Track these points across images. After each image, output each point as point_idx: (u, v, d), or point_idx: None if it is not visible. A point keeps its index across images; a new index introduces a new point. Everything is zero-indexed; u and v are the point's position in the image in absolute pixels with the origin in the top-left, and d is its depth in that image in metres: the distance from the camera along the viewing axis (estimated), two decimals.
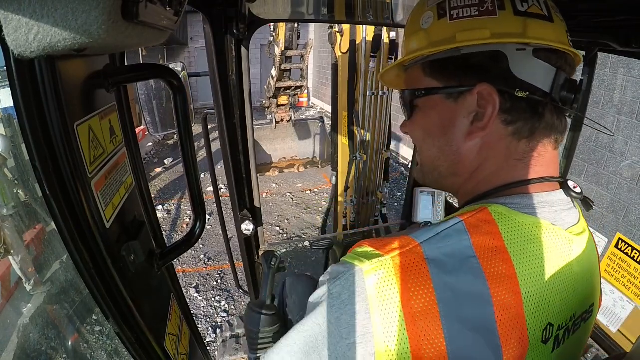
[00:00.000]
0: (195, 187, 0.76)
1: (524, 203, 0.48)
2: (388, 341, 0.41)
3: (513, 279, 0.43)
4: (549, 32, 0.48)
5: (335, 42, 2.52)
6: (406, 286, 0.41)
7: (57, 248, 4.05)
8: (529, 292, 0.43)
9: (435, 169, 0.58)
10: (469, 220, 0.45)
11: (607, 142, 3.41)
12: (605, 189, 3.43)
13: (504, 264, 0.43)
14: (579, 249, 0.50)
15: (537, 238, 0.46)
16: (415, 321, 0.41)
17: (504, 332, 0.41)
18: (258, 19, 1.16)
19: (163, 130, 1.51)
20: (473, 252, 0.43)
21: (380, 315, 0.41)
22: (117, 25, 0.38)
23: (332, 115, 2.79)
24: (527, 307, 0.43)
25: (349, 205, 2.83)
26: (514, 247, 0.44)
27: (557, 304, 0.47)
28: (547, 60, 0.49)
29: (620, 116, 3.28)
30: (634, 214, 3.17)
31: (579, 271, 0.50)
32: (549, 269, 0.46)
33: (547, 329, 0.45)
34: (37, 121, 0.43)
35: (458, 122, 0.52)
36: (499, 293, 0.42)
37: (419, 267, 0.42)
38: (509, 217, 0.46)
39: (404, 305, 0.41)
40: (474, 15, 0.48)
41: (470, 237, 0.44)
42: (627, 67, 3.17)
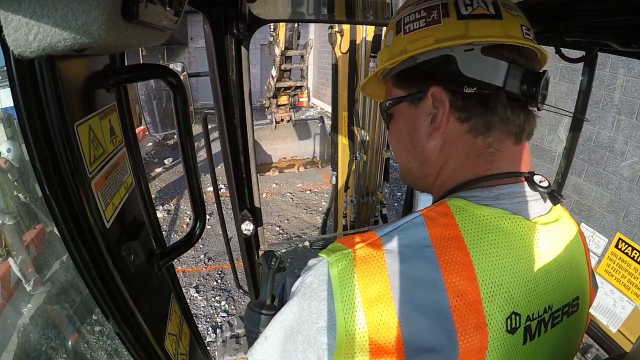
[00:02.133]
0: (195, 187, 0.76)
1: (484, 195, 0.50)
2: (348, 325, 0.44)
3: (468, 266, 0.44)
4: (494, 29, 0.51)
5: (335, 42, 2.52)
6: (364, 275, 0.45)
7: (57, 248, 4.05)
8: (486, 278, 0.45)
9: (408, 171, 0.62)
10: (428, 214, 0.48)
11: (607, 142, 3.41)
12: (605, 189, 3.43)
13: (459, 252, 0.45)
14: (548, 238, 0.50)
15: (495, 227, 0.47)
16: (371, 307, 0.44)
17: (459, 317, 0.43)
18: (258, 19, 1.16)
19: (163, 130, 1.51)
20: (429, 242, 0.46)
21: (342, 302, 0.45)
22: (117, 25, 0.38)
23: (332, 115, 2.79)
24: (484, 293, 0.44)
25: (349, 205, 2.84)
26: (470, 236, 0.46)
27: (522, 293, 0.46)
28: (498, 56, 0.51)
29: (620, 116, 3.28)
30: (634, 214, 3.17)
31: (551, 261, 0.50)
32: (508, 257, 0.46)
33: (511, 318, 0.45)
34: (37, 121, 0.43)
35: (420, 125, 0.56)
36: (453, 279, 0.44)
37: (376, 258, 0.46)
38: (465, 209, 0.48)
39: (362, 292, 0.44)
40: (422, 27, 0.54)
41: (426, 229, 0.47)
42: (627, 67, 3.17)
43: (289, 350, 0.50)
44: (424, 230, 0.47)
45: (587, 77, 1.14)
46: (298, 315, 0.49)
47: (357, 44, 2.45)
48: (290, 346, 0.50)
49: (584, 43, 1.00)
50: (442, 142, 0.54)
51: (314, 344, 0.47)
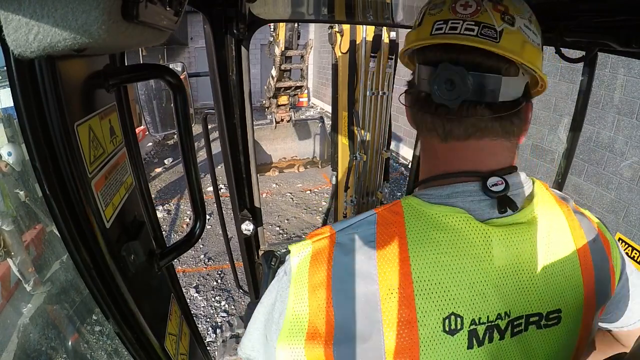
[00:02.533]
0: (195, 187, 0.76)
1: (437, 194, 0.50)
2: (295, 307, 0.49)
3: (405, 262, 0.46)
4: (410, 37, 0.55)
5: (335, 42, 2.52)
6: (314, 264, 0.50)
7: (57, 248, 4.05)
8: (423, 275, 0.45)
9: None
10: (382, 213, 0.51)
11: (607, 142, 3.41)
12: (605, 189, 3.43)
13: (399, 248, 0.47)
14: (506, 240, 0.47)
15: (442, 225, 0.47)
16: (314, 291, 0.48)
17: (388, 310, 0.45)
18: (258, 19, 1.16)
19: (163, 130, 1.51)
20: (374, 238, 0.49)
21: (294, 286, 0.50)
22: (117, 25, 0.38)
23: (332, 115, 2.79)
24: (418, 289, 0.45)
25: (349, 205, 2.83)
26: (413, 234, 0.47)
27: (465, 295, 0.45)
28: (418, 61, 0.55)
29: (620, 116, 3.28)
30: (634, 214, 3.17)
31: (507, 265, 0.47)
32: (452, 256, 0.46)
33: (450, 319, 0.45)
34: (37, 121, 0.43)
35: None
36: (387, 273, 0.46)
37: (328, 249, 0.50)
38: (416, 208, 0.50)
39: (310, 279, 0.49)
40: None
41: (376, 226, 0.50)
42: (627, 67, 3.17)
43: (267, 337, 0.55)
44: (373, 227, 0.50)
45: (587, 77, 1.14)
46: (272, 300, 0.55)
47: (357, 44, 2.45)
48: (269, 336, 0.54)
49: (584, 43, 1.00)
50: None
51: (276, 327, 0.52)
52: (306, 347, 0.47)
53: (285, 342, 0.49)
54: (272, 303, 0.55)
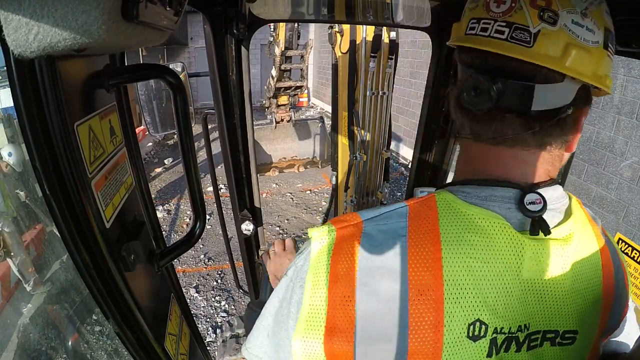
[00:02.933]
0: (195, 187, 0.76)
1: (475, 194, 0.48)
2: (313, 298, 0.46)
3: (437, 263, 0.43)
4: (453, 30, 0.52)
5: (335, 42, 2.52)
6: (338, 253, 0.46)
7: (57, 248, 4.05)
8: (454, 278, 0.43)
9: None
10: (414, 206, 0.48)
11: (607, 142, 3.41)
12: (605, 189, 3.43)
13: (431, 246, 0.44)
14: (538, 255, 0.45)
15: (479, 229, 0.44)
16: (335, 283, 0.45)
17: (415, 312, 0.42)
18: (258, 19, 1.16)
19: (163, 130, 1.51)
20: (405, 232, 0.45)
21: (313, 274, 0.46)
22: (117, 25, 0.38)
23: (332, 115, 2.79)
24: (448, 292, 0.43)
25: (349, 205, 2.83)
26: (447, 232, 0.45)
27: (491, 302, 0.44)
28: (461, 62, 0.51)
29: (620, 116, 3.28)
30: (634, 214, 3.17)
31: (534, 279, 0.46)
32: (484, 261, 0.44)
33: (475, 325, 0.43)
34: (37, 121, 0.43)
35: None
36: (418, 273, 0.43)
37: (353, 239, 0.46)
38: (451, 205, 0.47)
39: (331, 268, 0.46)
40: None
41: (407, 220, 0.47)
42: (627, 67, 3.17)
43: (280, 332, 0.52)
44: (404, 220, 0.47)
45: None
46: (284, 293, 0.51)
47: (357, 44, 2.45)
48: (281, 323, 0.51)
49: None
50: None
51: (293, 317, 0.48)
52: (325, 342, 0.44)
53: (302, 335, 0.46)
54: (284, 294, 0.51)
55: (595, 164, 3.51)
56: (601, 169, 3.46)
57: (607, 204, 3.40)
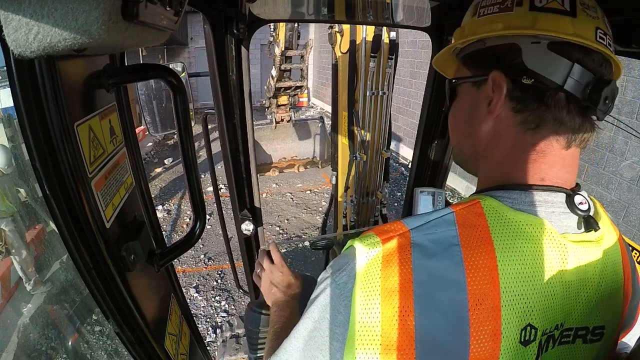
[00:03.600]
0: (195, 187, 0.76)
1: (520, 199, 0.48)
2: (363, 315, 0.44)
3: (493, 271, 0.43)
4: (564, 25, 0.49)
5: (335, 42, 2.52)
6: (388, 266, 0.45)
7: (57, 248, 4.05)
8: (509, 286, 0.44)
9: (461, 151, 0.62)
10: (460, 212, 0.47)
11: (607, 142, 3.41)
12: (605, 189, 3.44)
13: (486, 255, 0.44)
14: (577, 256, 0.48)
15: (527, 235, 0.46)
16: (389, 297, 0.43)
17: (476, 322, 0.42)
18: (258, 19, 1.16)
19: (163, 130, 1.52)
20: (457, 241, 0.45)
21: (362, 289, 0.44)
22: (117, 25, 0.38)
23: (332, 115, 2.79)
24: (504, 300, 0.43)
25: (349, 205, 2.83)
26: (500, 240, 0.45)
27: (540, 306, 0.45)
28: (564, 54, 0.49)
29: (620, 116, 3.28)
30: (634, 214, 3.17)
31: (574, 280, 0.48)
32: (534, 267, 0.45)
33: (526, 330, 0.44)
34: (37, 121, 0.43)
35: (478, 107, 0.55)
36: (476, 282, 0.43)
37: (404, 250, 0.45)
38: (499, 212, 0.47)
39: (383, 282, 0.44)
40: (495, 12, 0.53)
41: (457, 227, 0.46)
42: (627, 67, 3.17)
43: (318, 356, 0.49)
44: (454, 228, 0.46)
45: None
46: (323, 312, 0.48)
47: (357, 44, 2.45)
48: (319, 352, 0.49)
49: None
50: (494, 130, 0.53)
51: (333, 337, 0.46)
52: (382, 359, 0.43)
53: (355, 355, 0.44)
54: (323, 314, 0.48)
55: (595, 164, 3.51)
56: (601, 169, 3.46)
57: (607, 204, 3.40)
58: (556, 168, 0.51)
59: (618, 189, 3.31)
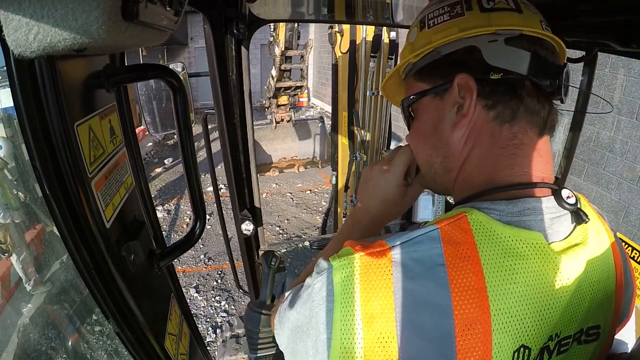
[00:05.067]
0: (195, 187, 0.76)
1: (508, 210, 0.46)
2: (344, 339, 0.42)
3: (482, 293, 0.41)
4: (515, 19, 0.51)
5: (335, 42, 2.52)
6: (367, 286, 0.42)
7: (57, 248, 4.05)
8: (500, 308, 0.41)
9: (430, 167, 0.59)
10: (445, 228, 0.45)
11: (607, 142, 3.41)
12: (605, 189, 3.44)
13: (474, 275, 0.41)
14: (568, 265, 0.46)
15: (517, 252, 0.43)
16: (371, 322, 0.41)
17: (463, 347, 0.40)
18: (258, 19, 1.16)
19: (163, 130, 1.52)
20: (442, 261, 0.42)
21: (341, 312, 0.42)
22: (117, 25, 0.38)
23: (332, 115, 2.79)
24: (495, 324, 0.41)
25: (349, 205, 2.83)
26: (488, 259, 0.42)
27: (534, 325, 0.43)
28: (520, 46, 0.51)
29: (620, 116, 3.28)
30: (634, 214, 3.17)
31: (567, 289, 0.46)
32: (525, 285, 0.43)
33: (520, 351, 0.42)
34: (37, 121, 0.43)
35: (445, 116, 0.54)
36: (464, 306, 0.41)
37: (383, 270, 0.43)
38: (487, 227, 0.44)
39: (363, 306, 0.42)
40: (446, 20, 0.54)
41: (442, 245, 0.43)
42: (627, 67, 3.17)
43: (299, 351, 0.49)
44: (439, 246, 0.43)
45: (587, 77, 1.14)
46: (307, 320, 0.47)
47: (357, 44, 2.45)
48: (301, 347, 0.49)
49: (584, 43, 1.00)
50: (468, 132, 0.52)
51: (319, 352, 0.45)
52: None
53: None
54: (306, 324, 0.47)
55: (595, 164, 3.51)
56: (601, 169, 3.46)
57: (607, 204, 3.40)
58: (536, 160, 0.50)
59: (618, 189, 3.31)
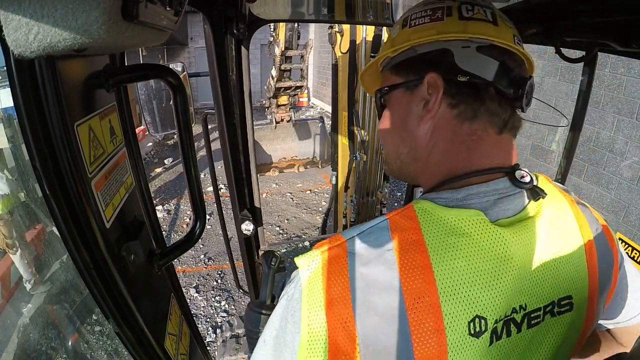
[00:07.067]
0: (195, 187, 0.76)
1: (452, 197, 0.51)
2: (311, 324, 0.47)
3: (427, 269, 0.45)
4: (489, 30, 0.56)
5: (335, 42, 2.53)
6: (328, 276, 0.48)
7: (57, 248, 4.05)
8: (446, 282, 0.45)
9: (397, 156, 0.63)
10: (394, 218, 0.50)
11: (607, 142, 3.41)
12: (605, 189, 3.43)
13: (419, 255, 0.46)
14: (520, 238, 0.49)
15: (458, 230, 0.47)
16: (332, 306, 0.46)
17: (415, 320, 0.44)
18: (258, 19, 1.16)
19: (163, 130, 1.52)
20: (391, 246, 0.47)
21: (307, 302, 0.47)
22: (117, 25, 0.38)
23: (332, 115, 2.79)
24: (443, 296, 0.45)
25: (349, 205, 2.84)
26: (431, 239, 0.47)
27: (487, 297, 0.46)
28: (490, 55, 0.55)
29: (620, 116, 3.28)
30: (634, 214, 3.17)
31: (522, 262, 0.49)
32: (471, 260, 0.46)
33: (475, 322, 0.45)
34: (37, 121, 0.43)
35: (413, 109, 0.59)
36: (410, 282, 0.45)
37: (340, 260, 0.48)
38: (431, 212, 0.49)
39: (325, 293, 0.47)
40: (426, 22, 0.59)
41: (390, 233, 0.48)
42: (627, 67, 3.17)
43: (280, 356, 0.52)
44: (387, 234, 0.48)
45: (587, 77, 1.14)
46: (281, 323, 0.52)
47: (357, 44, 2.45)
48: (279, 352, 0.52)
49: (584, 43, 1.00)
50: (433, 126, 0.57)
51: (290, 346, 0.49)
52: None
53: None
54: (281, 325, 0.52)
55: (595, 164, 3.51)
56: (601, 169, 3.46)
57: (607, 204, 3.40)
58: (495, 150, 0.55)
59: (618, 189, 3.31)
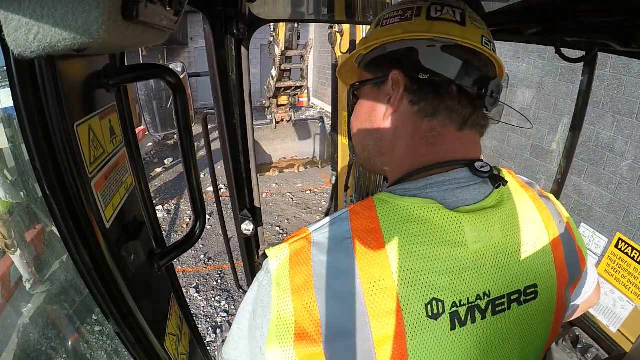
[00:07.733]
0: (195, 187, 0.76)
1: (411, 187, 0.54)
2: (280, 310, 0.50)
3: (383, 255, 0.48)
4: (455, 30, 0.57)
5: (335, 42, 2.53)
6: (294, 265, 0.51)
7: (57, 248, 4.05)
8: (402, 266, 0.48)
9: (364, 148, 0.67)
10: (354, 209, 0.53)
11: (607, 142, 3.41)
12: (605, 189, 3.43)
13: (375, 242, 0.49)
14: (478, 225, 0.51)
15: (414, 217, 0.50)
16: (297, 293, 0.50)
17: (372, 302, 0.47)
18: (258, 19, 1.16)
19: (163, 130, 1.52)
20: (350, 235, 0.50)
21: (277, 290, 0.51)
22: (117, 25, 0.38)
23: (332, 115, 2.79)
24: (398, 280, 0.47)
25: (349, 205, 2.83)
26: (387, 226, 0.50)
27: (444, 280, 0.48)
28: (454, 54, 0.57)
29: (620, 116, 3.28)
30: (634, 214, 3.17)
31: (482, 249, 0.51)
32: (427, 245, 0.49)
33: (432, 304, 0.48)
34: (37, 121, 0.43)
35: (379, 105, 0.62)
36: (367, 267, 0.48)
37: (305, 250, 0.52)
38: (387, 201, 0.52)
39: (291, 281, 0.50)
40: (396, 22, 0.61)
41: (350, 222, 0.52)
42: (627, 67, 3.17)
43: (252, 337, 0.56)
44: (347, 224, 0.51)
45: (587, 77, 1.14)
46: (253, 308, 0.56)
47: (357, 44, 2.45)
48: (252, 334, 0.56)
49: (584, 43, 1.00)
50: (396, 122, 0.60)
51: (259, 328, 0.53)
52: (295, 347, 0.49)
53: (274, 345, 0.50)
54: (253, 309, 0.55)
55: (595, 164, 3.51)
56: (601, 169, 3.46)
57: (607, 204, 3.40)
58: (454, 145, 0.57)
59: (618, 189, 3.31)
